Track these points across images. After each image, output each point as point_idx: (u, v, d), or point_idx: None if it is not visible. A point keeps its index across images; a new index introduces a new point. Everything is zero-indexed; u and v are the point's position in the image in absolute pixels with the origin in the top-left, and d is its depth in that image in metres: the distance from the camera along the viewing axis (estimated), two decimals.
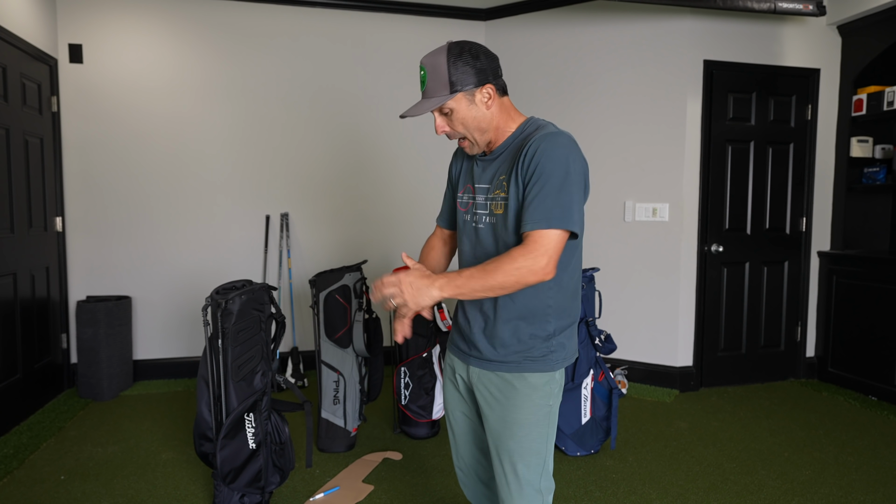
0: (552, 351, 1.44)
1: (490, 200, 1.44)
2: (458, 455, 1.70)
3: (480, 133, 1.43)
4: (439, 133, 1.44)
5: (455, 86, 1.36)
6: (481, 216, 1.47)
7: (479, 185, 1.48)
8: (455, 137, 1.46)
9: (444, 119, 1.42)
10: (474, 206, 1.50)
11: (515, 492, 1.46)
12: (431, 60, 1.37)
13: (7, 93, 3.18)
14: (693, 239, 3.89)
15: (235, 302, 2.20)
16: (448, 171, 1.70)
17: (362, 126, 4.31)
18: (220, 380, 2.18)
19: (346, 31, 4.24)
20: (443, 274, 1.32)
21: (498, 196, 1.42)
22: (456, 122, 1.41)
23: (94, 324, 3.62)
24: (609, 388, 2.94)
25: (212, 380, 2.19)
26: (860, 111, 3.88)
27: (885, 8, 3.58)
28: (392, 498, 2.48)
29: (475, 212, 1.49)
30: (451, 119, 1.41)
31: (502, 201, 1.40)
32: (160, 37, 3.95)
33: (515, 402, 1.44)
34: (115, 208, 3.96)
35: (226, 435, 2.17)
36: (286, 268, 4.19)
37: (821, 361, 4.12)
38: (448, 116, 1.41)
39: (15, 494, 2.47)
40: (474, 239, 1.50)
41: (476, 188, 1.49)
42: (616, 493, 2.53)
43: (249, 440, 2.23)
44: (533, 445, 1.45)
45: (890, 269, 3.62)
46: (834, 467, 2.76)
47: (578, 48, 4.09)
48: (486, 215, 1.45)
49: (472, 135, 1.43)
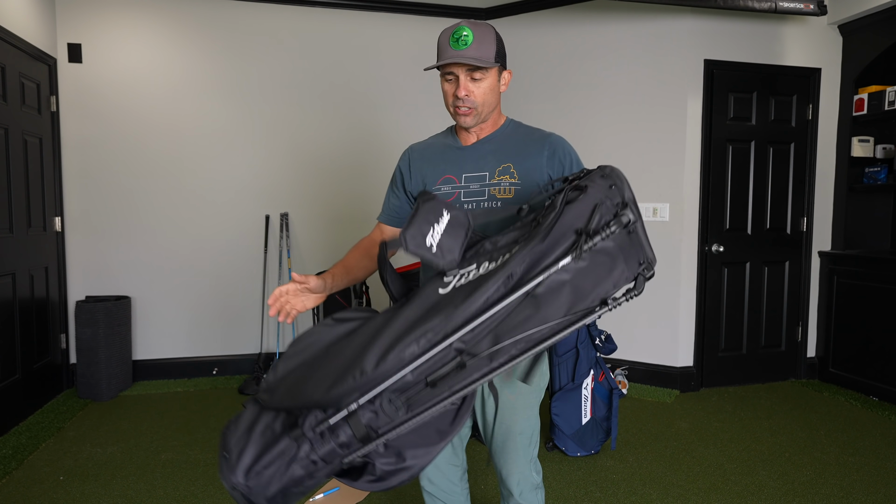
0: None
1: (493, 186, 1.49)
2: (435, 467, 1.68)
3: (489, 109, 1.49)
4: (461, 95, 1.44)
5: (498, 58, 1.45)
6: (478, 203, 1.51)
7: (468, 175, 1.52)
8: (465, 106, 1.46)
9: (473, 83, 1.44)
10: (460, 196, 1.52)
11: (524, 468, 1.56)
12: (478, 28, 1.42)
13: (6, 92, 3.18)
14: (693, 239, 3.88)
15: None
16: (400, 166, 1.67)
17: (362, 126, 4.30)
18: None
19: (346, 30, 4.24)
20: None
21: (504, 181, 1.48)
22: (480, 90, 1.45)
23: (94, 324, 3.62)
24: (609, 389, 2.94)
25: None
26: (861, 111, 3.87)
27: (886, 7, 3.57)
28: (392, 498, 2.47)
29: (463, 200, 1.52)
30: (478, 86, 1.44)
31: (511, 186, 1.48)
32: (159, 36, 3.95)
33: (520, 389, 1.51)
34: (115, 208, 3.95)
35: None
36: (286, 268, 4.18)
37: (822, 362, 4.11)
38: (478, 82, 1.44)
39: (14, 495, 2.46)
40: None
41: (463, 177, 1.52)
42: (616, 493, 2.52)
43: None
44: (535, 423, 1.58)
45: (891, 269, 3.61)
46: (835, 468, 2.75)
47: (579, 47, 4.09)
48: (484, 200, 1.50)
49: (483, 108, 1.47)
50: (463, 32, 1.41)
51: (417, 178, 1.60)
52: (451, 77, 1.46)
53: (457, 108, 1.47)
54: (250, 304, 4.19)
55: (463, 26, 1.42)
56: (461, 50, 1.40)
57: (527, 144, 1.52)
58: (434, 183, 1.56)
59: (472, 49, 1.40)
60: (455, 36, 1.41)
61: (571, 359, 2.89)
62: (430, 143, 1.65)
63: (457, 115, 1.49)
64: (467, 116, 1.48)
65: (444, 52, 1.44)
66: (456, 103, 1.46)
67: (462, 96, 1.44)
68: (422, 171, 1.60)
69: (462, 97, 1.44)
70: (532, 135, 1.54)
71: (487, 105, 1.48)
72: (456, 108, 1.47)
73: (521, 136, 1.54)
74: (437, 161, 1.58)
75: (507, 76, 1.51)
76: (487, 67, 1.43)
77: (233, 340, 4.19)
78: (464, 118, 1.48)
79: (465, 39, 1.40)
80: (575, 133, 4.14)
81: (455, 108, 1.48)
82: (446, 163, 1.56)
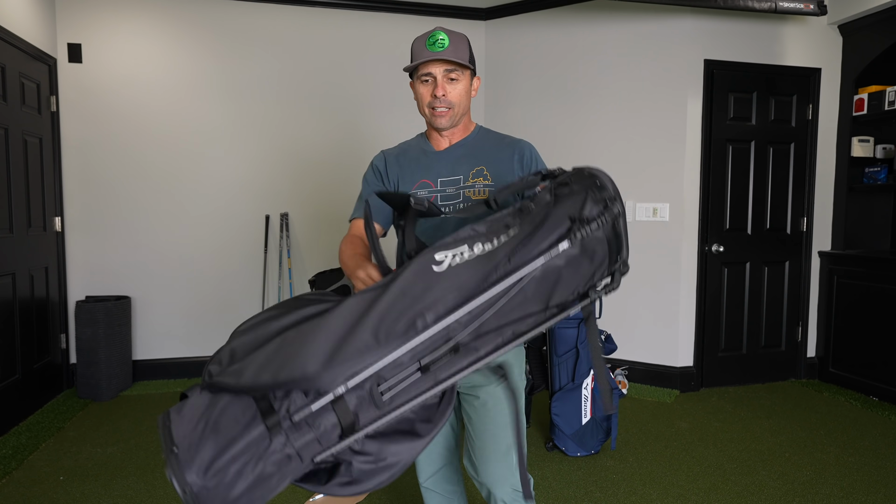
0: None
1: (468, 188, 1.55)
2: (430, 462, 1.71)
3: (462, 111, 1.55)
4: (439, 94, 1.49)
5: (471, 63, 1.53)
6: (454, 207, 1.55)
7: (443, 179, 1.57)
8: (442, 106, 1.51)
9: (450, 84, 1.50)
10: (437, 200, 1.55)
11: (512, 463, 1.49)
12: (452, 34, 1.48)
13: (6, 92, 3.18)
14: (693, 239, 3.88)
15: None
16: (373, 171, 1.68)
17: (362, 125, 4.30)
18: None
19: (346, 30, 4.24)
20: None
21: (479, 184, 1.54)
22: (455, 91, 1.51)
23: (94, 324, 3.62)
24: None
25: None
26: (861, 111, 3.87)
27: (886, 7, 3.57)
28: (392, 498, 2.47)
29: (439, 203, 1.55)
30: (454, 86, 1.51)
31: (485, 188, 1.54)
32: (160, 36, 3.95)
33: (492, 390, 1.51)
34: (115, 208, 3.95)
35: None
36: (286, 268, 4.18)
37: (822, 362, 4.11)
38: (454, 83, 1.51)
39: (14, 495, 2.46)
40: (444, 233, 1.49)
41: (438, 181, 1.57)
42: (616, 493, 2.52)
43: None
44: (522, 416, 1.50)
45: (891, 269, 3.61)
46: (835, 468, 2.75)
47: (578, 47, 4.09)
48: (459, 203, 1.55)
49: (458, 109, 1.53)
50: (439, 37, 1.47)
51: (394, 182, 1.63)
52: (427, 78, 1.50)
53: (433, 109, 1.51)
54: (250, 304, 4.18)
55: (439, 31, 1.48)
56: (438, 52, 1.45)
57: (499, 149, 1.58)
58: (410, 187, 1.59)
59: (449, 52, 1.46)
60: (431, 40, 1.47)
61: (571, 359, 2.89)
62: (403, 149, 1.67)
63: (433, 117, 1.53)
64: (443, 117, 1.52)
65: (420, 54, 1.48)
66: (433, 103, 1.50)
67: (440, 95, 1.49)
68: (397, 175, 1.62)
69: (440, 96, 1.49)
70: (503, 140, 1.62)
71: (461, 107, 1.53)
72: (433, 108, 1.51)
73: (491, 142, 1.61)
74: (412, 166, 1.61)
75: (477, 83, 1.58)
76: (464, 68, 1.49)
77: None
78: (440, 119, 1.52)
79: (441, 43, 1.46)
80: (574, 132, 4.14)
81: (431, 109, 1.52)
82: (421, 168, 1.59)
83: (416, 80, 1.53)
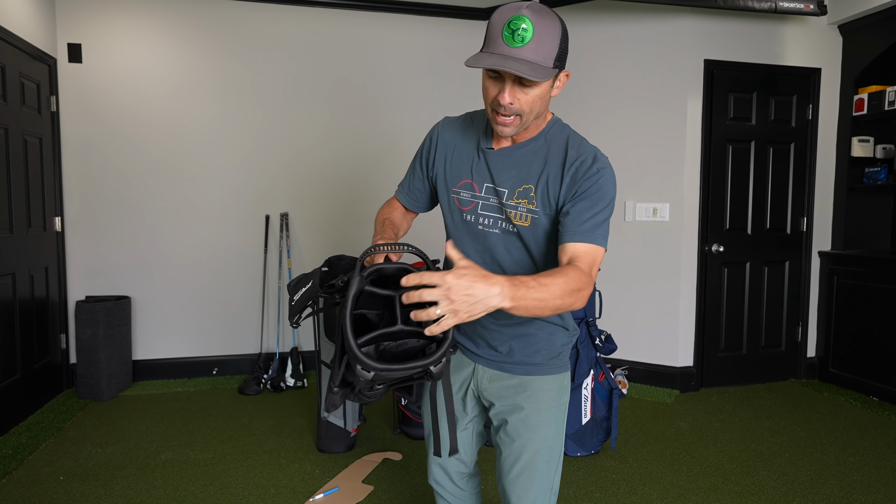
0: (564, 351, 1.48)
1: (510, 209, 1.31)
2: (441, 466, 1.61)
3: (535, 117, 1.25)
4: (505, 103, 1.18)
5: (559, 62, 1.17)
6: (495, 220, 1.34)
7: (489, 186, 1.34)
8: (508, 114, 1.22)
9: (521, 90, 1.18)
10: (479, 207, 1.35)
11: (534, 492, 1.43)
12: (541, 21, 1.13)
13: (6, 92, 3.18)
14: (693, 239, 3.88)
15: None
16: (426, 143, 1.46)
17: (363, 126, 4.30)
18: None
19: (346, 30, 4.24)
20: (502, 277, 1.04)
21: (522, 206, 1.30)
22: (527, 98, 1.19)
23: (94, 324, 3.62)
24: (609, 389, 2.94)
25: None
26: (861, 111, 3.87)
27: (886, 7, 3.57)
28: (392, 498, 2.47)
29: (480, 212, 1.35)
30: (527, 93, 1.18)
31: (528, 213, 1.29)
32: (160, 36, 3.95)
33: (540, 405, 1.41)
34: (115, 208, 3.95)
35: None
36: (286, 268, 4.18)
37: (822, 362, 4.11)
38: (527, 89, 1.18)
39: (13, 495, 2.46)
40: (483, 244, 1.38)
41: (484, 187, 1.35)
42: (616, 493, 2.52)
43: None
44: (555, 443, 1.44)
45: (891, 269, 3.61)
46: (835, 468, 2.75)
47: (578, 47, 4.08)
48: (501, 220, 1.33)
49: (528, 117, 1.23)
50: (521, 24, 1.11)
51: (440, 167, 1.43)
52: (495, 75, 1.19)
53: (496, 113, 1.22)
54: (250, 304, 4.19)
55: (523, 16, 1.11)
56: (515, 48, 1.12)
57: (559, 164, 1.28)
58: (455, 185, 1.40)
59: (530, 49, 1.12)
60: (511, 27, 1.12)
61: (571, 359, 2.89)
62: (462, 130, 1.42)
63: (495, 123, 1.24)
64: (507, 126, 1.23)
65: (493, 44, 1.15)
66: (496, 108, 1.21)
67: (505, 104, 1.19)
68: (445, 161, 1.42)
69: (505, 104, 1.19)
70: (571, 148, 1.29)
71: (533, 113, 1.23)
72: (495, 112, 1.22)
73: (557, 149, 1.30)
74: (462, 159, 1.39)
75: (564, 78, 1.24)
76: (550, 77, 1.15)
77: (233, 340, 4.19)
78: (503, 127, 1.24)
79: (521, 35, 1.11)
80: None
81: (494, 113, 1.23)
82: (465, 164, 1.38)
83: (484, 71, 1.22)
